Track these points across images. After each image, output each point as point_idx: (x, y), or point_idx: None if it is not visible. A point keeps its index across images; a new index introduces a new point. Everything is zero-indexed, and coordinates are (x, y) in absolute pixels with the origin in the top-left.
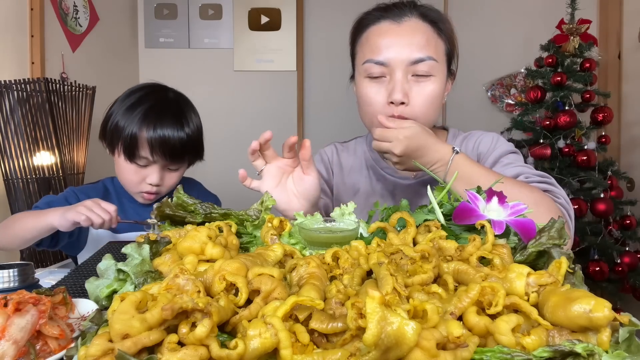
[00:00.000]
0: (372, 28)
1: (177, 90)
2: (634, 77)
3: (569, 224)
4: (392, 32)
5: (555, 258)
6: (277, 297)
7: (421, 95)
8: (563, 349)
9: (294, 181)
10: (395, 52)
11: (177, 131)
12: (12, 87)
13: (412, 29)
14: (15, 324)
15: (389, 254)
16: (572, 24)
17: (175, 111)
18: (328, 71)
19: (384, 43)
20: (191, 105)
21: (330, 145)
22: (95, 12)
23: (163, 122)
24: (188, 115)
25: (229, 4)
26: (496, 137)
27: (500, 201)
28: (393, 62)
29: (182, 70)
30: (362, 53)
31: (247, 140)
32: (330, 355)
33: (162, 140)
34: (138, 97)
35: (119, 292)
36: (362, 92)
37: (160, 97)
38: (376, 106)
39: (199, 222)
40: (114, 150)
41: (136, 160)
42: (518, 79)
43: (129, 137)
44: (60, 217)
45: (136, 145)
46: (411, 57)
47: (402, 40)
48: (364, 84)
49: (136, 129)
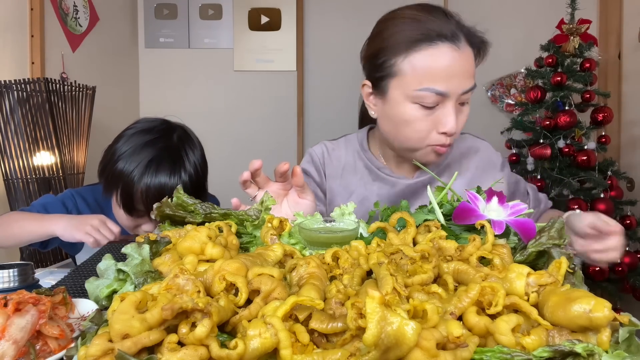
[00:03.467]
0: (430, 50)
1: (182, 126)
2: (634, 77)
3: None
4: (455, 62)
5: (555, 258)
6: (277, 297)
7: (462, 120)
8: (563, 349)
9: (289, 204)
10: (455, 84)
11: (174, 181)
12: (12, 87)
13: (467, 58)
14: (15, 324)
15: (389, 254)
16: (572, 24)
17: (175, 159)
18: (328, 71)
19: (445, 73)
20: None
21: (320, 145)
22: (95, 12)
23: (161, 173)
24: (187, 159)
25: (229, 4)
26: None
27: (500, 201)
28: (451, 93)
29: (182, 70)
30: (416, 77)
31: (247, 140)
32: (330, 355)
33: (157, 193)
34: (142, 143)
35: (119, 292)
36: (407, 116)
37: (165, 144)
38: (424, 133)
39: (199, 222)
40: (111, 193)
41: (132, 213)
42: (518, 79)
43: (127, 188)
44: (65, 230)
45: (132, 198)
46: (465, 87)
47: (462, 71)
48: (412, 109)
49: (135, 181)
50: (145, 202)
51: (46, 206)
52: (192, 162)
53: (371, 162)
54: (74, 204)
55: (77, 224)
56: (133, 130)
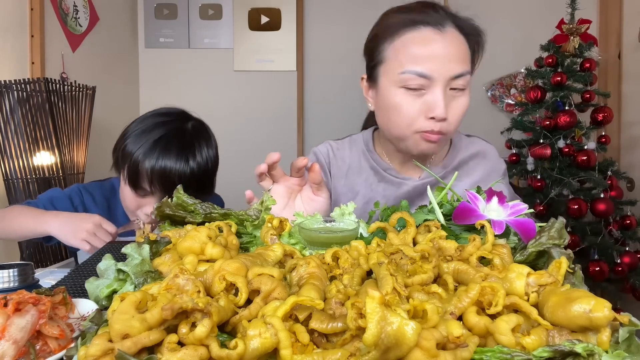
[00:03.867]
0: (412, 34)
1: (199, 120)
2: (634, 77)
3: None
4: (436, 43)
5: (555, 258)
6: (277, 297)
7: (457, 110)
8: (563, 349)
9: (302, 201)
10: (438, 65)
11: (180, 165)
12: (12, 87)
13: (453, 41)
14: (15, 324)
15: (389, 254)
16: (572, 24)
17: (184, 144)
18: (328, 71)
19: (426, 53)
20: (209, 137)
21: (325, 144)
22: (95, 12)
23: (168, 155)
24: (199, 149)
25: (229, 4)
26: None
27: (500, 201)
28: (436, 75)
29: (182, 71)
30: (398, 60)
31: (246, 140)
32: (330, 355)
33: (162, 174)
34: (154, 124)
35: (119, 292)
36: (394, 101)
37: (176, 126)
38: (411, 119)
39: (199, 222)
40: (120, 171)
41: (137, 190)
42: (518, 79)
43: (133, 166)
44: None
45: (138, 175)
46: (454, 72)
47: (445, 53)
48: (398, 94)
49: (140, 159)
50: (150, 180)
51: (52, 200)
52: (204, 153)
53: (377, 163)
54: (80, 200)
55: (72, 228)
56: (151, 113)
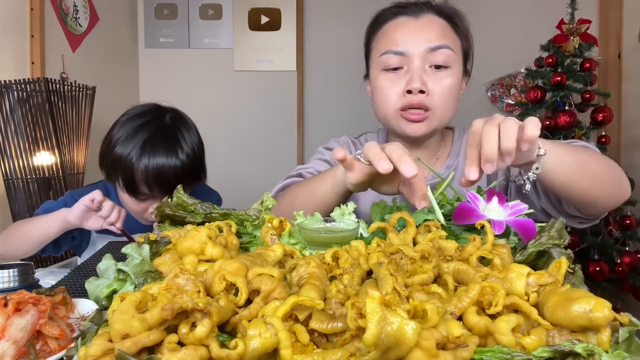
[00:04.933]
0: (390, 23)
1: (174, 109)
2: (634, 77)
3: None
4: (410, 25)
5: (555, 258)
6: (277, 297)
7: (439, 86)
8: (563, 349)
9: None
10: (413, 42)
11: (172, 160)
12: (12, 87)
13: (429, 22)
14: (15, 324)
15: (389, 254)
16: (572, 24)
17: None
18: (328, 71)
19: (402, 35)
20: (187, 123)
21: (344, 136)
22: (95, 12)
23: (158, 153)
24: (183, 140)
25: (229, 4)
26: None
27: (500, 201)
28: (411, 51)
29: (182, 70)
30: (379, 46)
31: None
32: (330, 355)
33: (156, 173)
34: (135, 127)
35: (119, 292)
36: (377, 85)
37: (157, 125)
38: (392, 97)
39: (199, 222)
40: (114, 181)
41: (136, 195)
42: (518, 79)
43: (126, 173)
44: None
45: (134, 180)
46: (428, 44)
47: (419, 32)
48: (380, 77)
49: (132, 164)
50: (147, 183)
51: (49, 211)
52: (189, 141)
53: None
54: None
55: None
56: (126, 117)
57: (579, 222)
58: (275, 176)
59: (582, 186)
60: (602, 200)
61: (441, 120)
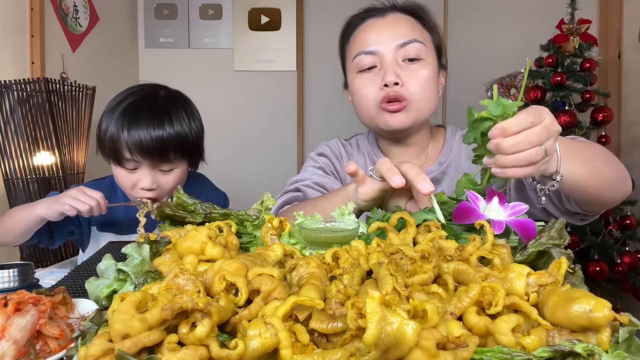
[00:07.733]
0: (359, 27)
1: (174, 90)
2: (634, 77)
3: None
4: (378, 25)
5: (555, 258)
6: (277, 297)
7: (414, 77)
8: (563, 349)
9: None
10: (382, 41)
11: (153, 129)
12: (12, 87)
13: (396, 20)
14: (15, 324)
15: (389, 254)
16: (572, 24)
17: (155, 109)
18: (328, 71)
19: (371, 35)
20: (185, 103)
21: (334, 139)
22: (95, 12)
23: (138, 120)
24: (174, 113)
25: (229, 4)
26: None
27: (500, 201)
28: (382, 49)
29: (182, 70)
30: (352, 50)
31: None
32: (330, 355)
33: (137, 139)
34: (122, 97)
35: (119, 292)
36: (355, 87)
37: (143, 95)
38: (371, 94)
39: (199, 222)
40: (105, 155)
41: (122, 163)
42: (518, 79)
43: (109, 141)
44: (48, 208)
45: (116, 147)
46: (397, 40)
47: (388, 30)
48: (356, 79)
49: (113, 130)
50: (130, 150)
51: None
52: (183, 118)
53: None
54: None
55: (56, 199)
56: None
57: (581, 219)
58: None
59: (592, 191)
60: (609, 200)
61: (420, 112)
